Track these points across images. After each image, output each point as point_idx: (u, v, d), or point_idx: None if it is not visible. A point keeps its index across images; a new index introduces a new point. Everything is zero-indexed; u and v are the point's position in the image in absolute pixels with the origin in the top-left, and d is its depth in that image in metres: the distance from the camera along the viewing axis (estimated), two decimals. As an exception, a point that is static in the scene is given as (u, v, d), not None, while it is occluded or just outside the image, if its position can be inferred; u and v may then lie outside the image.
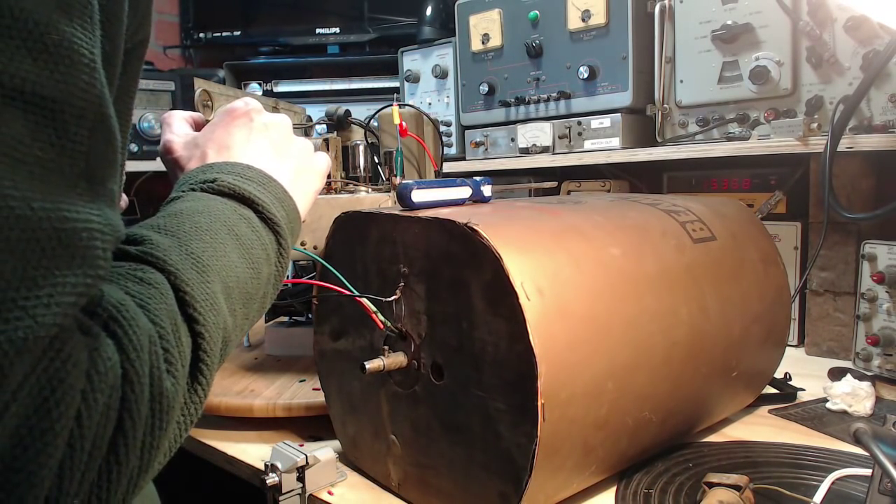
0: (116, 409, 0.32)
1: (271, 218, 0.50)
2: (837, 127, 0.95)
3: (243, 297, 0.45)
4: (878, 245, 0.89)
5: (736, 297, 0.69)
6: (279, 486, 0.63)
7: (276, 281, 0.51)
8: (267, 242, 0.49)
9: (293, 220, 0.53)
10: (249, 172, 0.51)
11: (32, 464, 0.28)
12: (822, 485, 0.60)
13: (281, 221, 0.51)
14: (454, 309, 0.55)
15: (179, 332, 0.37)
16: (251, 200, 0.49)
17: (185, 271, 0.39)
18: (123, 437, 0.32)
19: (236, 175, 0.50)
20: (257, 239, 0.48)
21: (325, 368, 0.73)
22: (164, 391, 0.34)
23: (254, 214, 0.49)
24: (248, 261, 0.46)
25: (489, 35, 1.38)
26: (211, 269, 0.41)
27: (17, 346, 0.27)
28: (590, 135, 1.25)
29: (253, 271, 0.46)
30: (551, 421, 0.50)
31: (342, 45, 1.97)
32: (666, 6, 1.15)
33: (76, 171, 0.31)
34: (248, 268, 0.46)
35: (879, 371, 0.88)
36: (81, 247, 0.30)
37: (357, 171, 0.93)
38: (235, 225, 0.46)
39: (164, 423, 0.35)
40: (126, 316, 0.33)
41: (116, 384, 0.32)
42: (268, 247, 0.49)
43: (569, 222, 0.61)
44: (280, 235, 0.51)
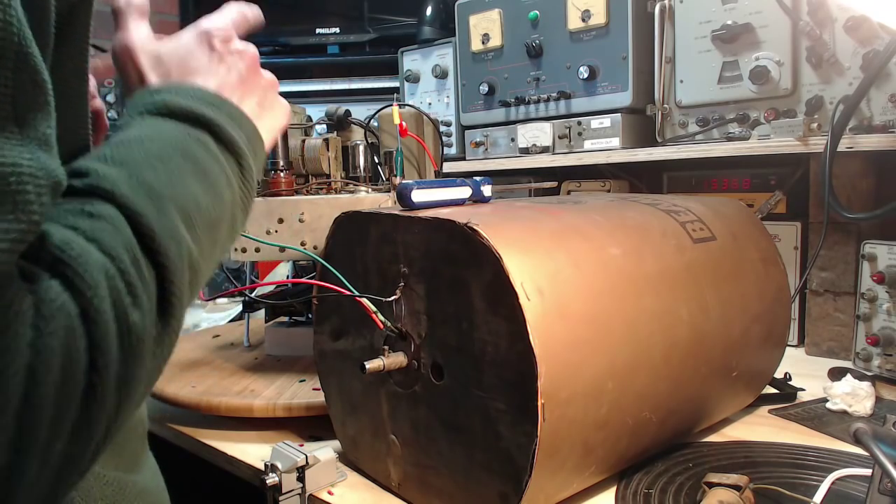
0: (82, 348, 0.31)
1: (229, 139, 0.47)
2: (837, 127, 0.95)
3: (207, 225, 0.42)
4: (878, 245, 0.89)
5: (736, 297, 0.69)
6: (279, 486, 0.63)
7: (244, 205, 0.48)
8: (226, 165, 0.46)
9: (254, 143, 0.50)
10: (202, 94, 0.48)
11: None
12: (822, 485, 0.60)
13: (240, 142, 0.48)
14: (454, 309, 0.55)
15: (140, 265, 0.35)
16: (206, 121, 0.46)
17: (139, 201, 0.37)
18: (98, 374, 0.31)
19: (188, 96, 0.47)
20: (215, 162, 0.45)
21: (325, 368, 0.73)
22: (131, 325, 0.33)
23: (209, 137, 0.46)
24: (208, 185, 0.43)
25: (489, 35, 1.38)
26: (166, 197, 0.39)
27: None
28: (590, 135, 1.25)
29: (214, 196, 0.43)
30: (551, 421, 0.50)
31: (342, 45, 1.97)
32: (666, 6, 1.15)
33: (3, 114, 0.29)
34: (208, 193, 0.43)
35: (879, 371, 0.88)
36: (10, 192, 0.29)
37: (357, 171, 0.93)
38: (190, 148, 0.43)
39: (137, 357, 0.34)
40: (73, 255, 0.32)
41: (71, 324, 0.31)
42: (227, 169, 0.46)
43: (569, 222, 0.61)
44: (240, 156, 0.47)
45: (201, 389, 0.85)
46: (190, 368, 0.95)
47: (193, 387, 0.86)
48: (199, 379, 0.89)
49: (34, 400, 0.29)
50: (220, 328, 1.24)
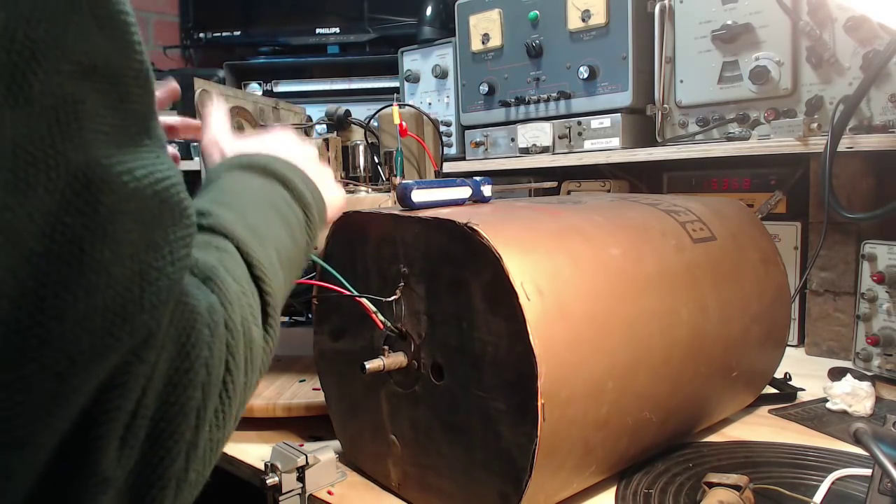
0: (224, 353, 0.36)
1: (301, 195, 0.53)
2: (837, 127, 0.95)
3: (288, 263, 0.48)
4: (878, 245, 0.89)
5: (736, 297, 0.69)
6: (279, 486, 0.63)
7: (307, 250, 0.54)
8: (299, 216, 0.52)
9: (318, 202, 0.56)
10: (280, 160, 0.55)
11: (182, 397, 0.33)
12: (822, 485, 0.60)
13: (309, 198, 0.54)
14: (454, 309, 0.55)
15: (252, 293, 0.42)
16: (283, 178, 0.52)
17: (249, 240, 0.43)
18: (231, 378, 0.37)
19: (269, 158, 0.54)
20: (292, 212, 0.51)
21: (325, 368, 0.73)
22: (253, 339, 0.40)
23: (285, 191, 0.52)
24: (289, 231, 0.49)
25: (489, 35, 1.38)
26: (266, 238, 0.45)
27: (164, 302, 0.31)
28: (590, 135, 1.25)
29: (292, 241, 0.50)
30: (551, 421, 0.50)
31: (342, 45, 1.97)
32: (666, 6, 1.15)
33: (138, 128, 0.31)
34: (289, 237, 0.49)
35: (879, 371, 0.88)
36: (175, 201, 0.32)
37: (357, 171, 0.93)
38: (274, 200, 0.50)
39: (255, 366, 0.41)
40: (220, 275, 0.38)
41: (223, 333, 0.36)
42: (300, 219, 0.52)
43: (569, 222, 0.61)
44: (308, 211, 0.53)
45: (201, 389, 0.85)
46: (190, 368, 0.95)
47: (193, 387, 0.86)
48: (199, 379, 0.89)
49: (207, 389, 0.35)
50: (220, 328, 1.24)
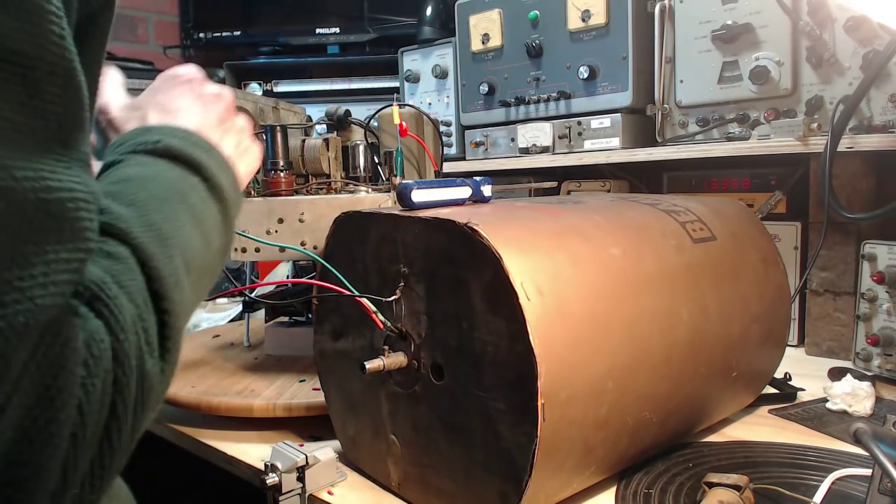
0: (110, 393, 0.31)
1: (219, 187, 0.47)
2: (837, 127, 0.95)
3: (198, 271, 0.42)
4: (878, 245, 0.89)
5: (736, 297, 0.69)
6: (279, 486, 0.63)
7: (224, 252, 0.48)
8: (215, 214, 0.46)
9: (236, 191, 0.50)
10: (193, 137, 0.48)
11: (39, 456, 0.27)
12: (822, 485, 0.60)
13: (227, 190, 0.48)
14: (454, 309, 0.55)
15: (150, 311, 0.35)
16: (199, 167, 0.46)
17: (150, 245, 0.36)
18: (116, 421, 0.31)
19: (181, 139, 0.46)
20: (206, 209, 0.45)
21: (325, 368, 0.73)
22: (146, 372, 0.34)
23: (201, 183, 0.45)
24: (201, 232, 0.43)
25: (489, 35, 1.38)
26: (172, 241, 0.39)
27: (18, 332, 0.25)
28: (590, 135, 1.25)
29: (205, 244, 0.43)
30: (551, 421, 0.50)
31: (342, 45, 1.97)
32: (666, 6, 1.15)
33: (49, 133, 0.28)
34: (201, 240, 0.43)
35: (879, 371, 0.88)
36: (70, 218, 0.28)
37: (357, 171, 0.93)
38: (186, 195, 0.43)
39: (148, 404, 0.34)
40: (110, 295, 0.32)
41: (109, 367, 0.31)
42: (216, 218, 0.46)
43: (569, 222, 0.61)
44: (226, 205, 0.47)
45: (201, 389, 0.85)
46: (190, 368, 0.95)
47: (193, 387, 0.86)
48: (199, 379, 0.89)
49: (78, 443, 0.29)
50: (220, 328, 1.24)
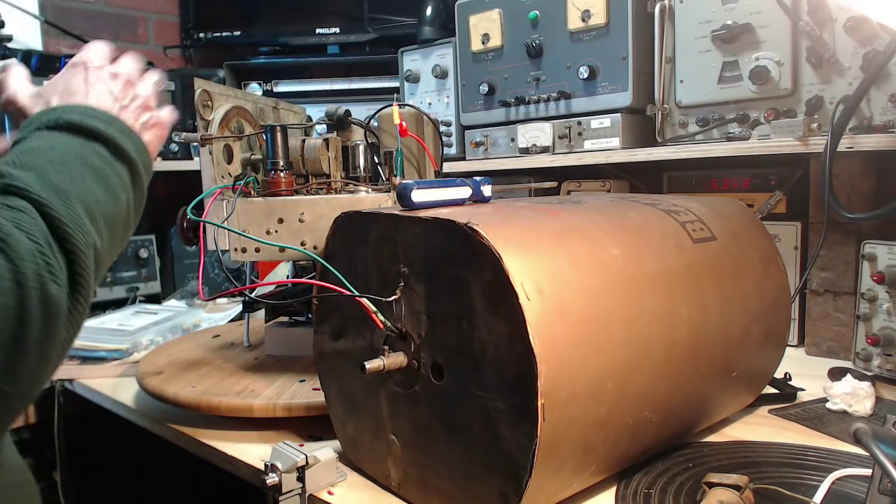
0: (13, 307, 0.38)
1: (121, 150, 0.53)
2: (837, 127, 0.95)
3: (107, 220, 0.49)
4: (878, 245, 0.89)
5: (736, 297, 0.69)
6: (279, 486, 0.63)
7: (136, 206, 0.55)
8: (121, 172, 0.53)
9: (143, 154, 0.57)
10: (93, 111, 0.55)
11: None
12: (822, 485, 0.60)
13: (130, 152, 0.54)
14: (454, 309, 0.55)
15: (53, 249, 0.42)
16: (99, 134, 0.52)
17: (49, 197, 0.43)
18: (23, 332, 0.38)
19: (80, 113, 0.53)
20: (110, 168, 0.52)
21: (325, 368, 0.73)
22: (50, 295, 0.40)
23: (103, 147, 0.52)
24: (106, 187, 0.50)
25: (489, 35, 1.38)
26: (72, 194, 0.45)
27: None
28: (590, 135, 1.25)
29: (112, 197, 0.50)
30: (551, 421, 0.50)
31: (342, 45, 1.97)
32: (666, 6, 1.15)
33: None
34: (107, 193, 0.50)
35: (879, 371, 0.88)
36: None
37: (357, 171, 0.93)
38: (87, 157, 0.50)
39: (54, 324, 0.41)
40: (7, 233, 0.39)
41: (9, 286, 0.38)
42: (122, 176, 0.53)
43: (569, 222, 0.61)
44: (132, 165, 0.54)
45: (201, 389, 0.85)
46: (190, 368, 0.95)
47: (193, 387, 0.86)
48: (199, 379, 0.89)
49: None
50: (220, 328, 1.24)
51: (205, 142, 0.85)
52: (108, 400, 1.01)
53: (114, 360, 1.13)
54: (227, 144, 0.89)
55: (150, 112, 0.64)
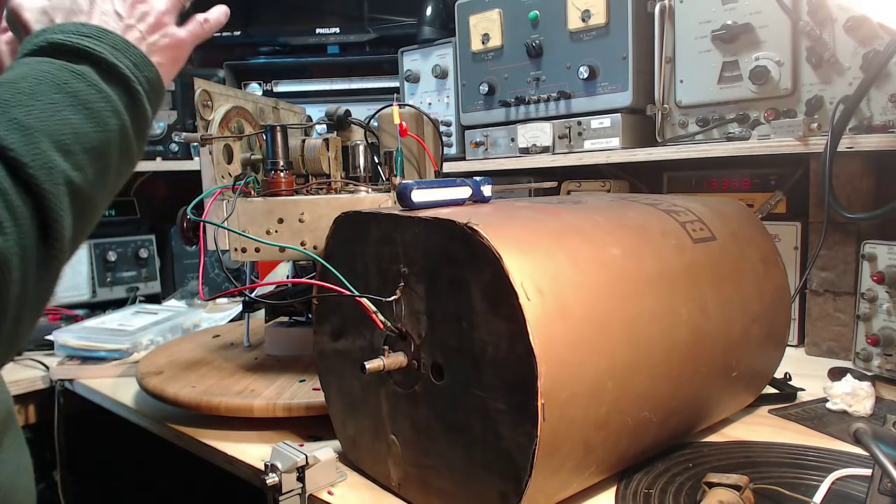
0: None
1: (112, 68, 0.50)
2: (837, 127, 0.95)
3: (91, 152, 0.46)
4: (878, 245, 0.89)
5: (736, 297, 0.69)
6: (279, 486, 0.63)
7: (137, 129, 0.52)
8: (111, 94, 0.49)
9: (145, 68, 0.53)
10: (83, 28, 0.51)
11: None
12: (822, 485, 0.60)
13: (125, 69, 0.51)
14: (454, 309, 0.55)
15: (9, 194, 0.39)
16: (86, 54, 0.49)
17: (6, 136, 0.40)
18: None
19: (69, 32, 0.50)
20: (97, 92, 0.48)
21: (325, 368, 0.73)
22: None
23: (90, 68, 0.49)
24: (88, 115, 0.46)
25: (489, 35, 1.38)
26: (37, 129, 0.42)
27: None
28: (590, 135, 1.25)
29: (97, 125, 0.47)
30: (551, 421, 0.50)
31: (342, 45, 1.96)
32: (666, 6, 1.15)
33: None
34: (90, 122, 0.46)
35: (879, 371, 0.88)
36: None
37: (357, 171, 0.93)
38: (67, 82, 0.47)
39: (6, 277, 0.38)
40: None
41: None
42: (112, 98, 0.49)
43: (569, 222, 0.61)
44: (127, 84, 0.51)
45: (201, 389, 0.85)
46: (190, 368, 0.95)
47: (193, 387, 0.86)
48: (199, 379, 0.89)
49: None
50: (220, 328, 1.24)
51: (205, 142, 0.85)
52: (108, 400, 1.01)
53: (114, 360, 1.13)
54: (227, 144, 0.89)
55: (163, 30, 0.59)
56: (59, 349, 1.18)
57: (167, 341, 1.19)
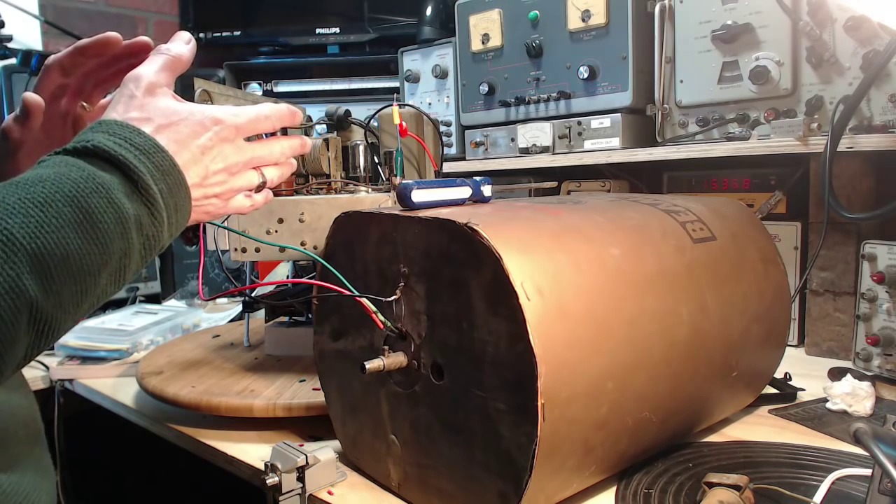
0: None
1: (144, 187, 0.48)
2: (837, 127, 0.95)
3: (75, 273, 0.44)
4: (878, 245, 0.89)
5: (736, 297, 0.69)
6: (279, 486, 0.63)
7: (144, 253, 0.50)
8: (127, 213, 0.47)
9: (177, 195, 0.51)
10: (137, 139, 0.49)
11: None
12: (822, 485, 0.60)
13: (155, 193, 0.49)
14: (454, 309, 0.55)
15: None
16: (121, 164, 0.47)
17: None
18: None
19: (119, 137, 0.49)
20: (112, 210, 0.46)
21: (325, 368, 0.73)
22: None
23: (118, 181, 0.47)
24: (90, 235, 0.45)
25: (489, 35, 1.38)
26: (21, 247, 0.41)
27: None
28: (590, 135, 1.25)
29: (95, 245, 0.45)
30: (551, 421, 0.50)
31: (342, 45, 1.97)
32: (666, 6, 1.15)
33: None
34: (88, 242, 0.45)
35: (879, 371, 0.88)
36: None
37: (357, 171, 0.93)
38: (83, 195, 0.45)
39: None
40: None
41: None
42: (127, 218, 0.47)
43: (569, 222, 0.61)
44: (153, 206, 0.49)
45: (201, 389, 0.85)
46: (190, 368, 0.95)
47: (193, 387, 0.86)
48: (199, 379, 0.89)
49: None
50: (220, 328, 1.24)
51: (205, 142, 0.84)
52: (108, 400, 1.01)
53: (114, 360, 1.13)
54: (227, 144, 0.89)
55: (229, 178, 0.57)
56: (59, 349, 1.18)
57: (167, 341, 1.19)
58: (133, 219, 0.47)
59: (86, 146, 0.47)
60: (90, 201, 0.45)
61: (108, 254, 0.46)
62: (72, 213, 0.44)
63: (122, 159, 0.47)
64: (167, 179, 0.50)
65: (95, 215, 0.45)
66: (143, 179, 0.48)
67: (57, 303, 0.43)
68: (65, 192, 0.44)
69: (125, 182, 0.47)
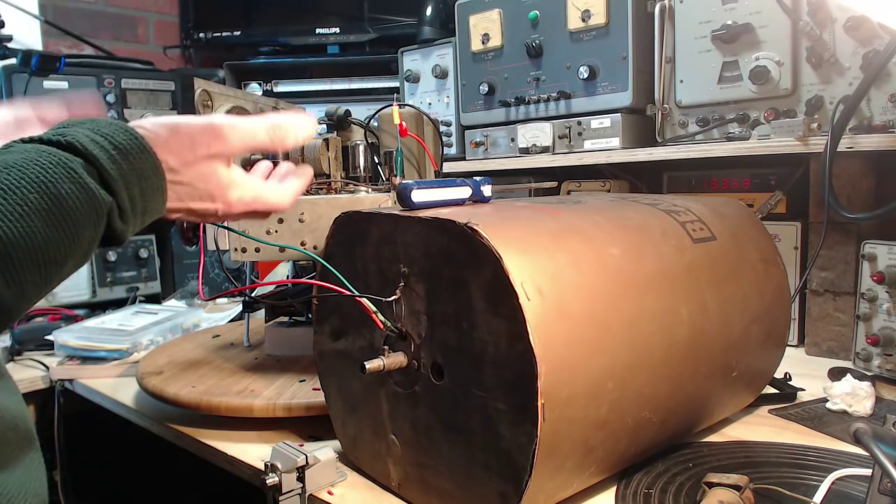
0: None
1: (105, 173, 0.46)
2: (837, 127, 0.95)
3: (40, 262, 0.43)
4: (878, 245, 0.89)
5: (736, 297, 0.69)
6: (279, 486, 0.63)
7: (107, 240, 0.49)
8: (101, 199, 0.46)
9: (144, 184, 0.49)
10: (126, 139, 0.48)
11: None
12: (822, 485, 0.60)
13: (115, 179, 0.47)
14: (454, 309, 0.55)
15: None
16: (92, 159, 0.46)
17: None
18: None
19: (86, 129, 0.47)
20: (85, 196, 0.45)
21: (325, 368, 0.73)
22: None
23: (87, 171, 0.45)
24: (58, 222, 0.43)
25: (489, 35, 1.38)
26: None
27: None
28: (590, 135, 1.25)
29: (63, 233, 0.44)
30: (551, 421, 0.50)
31: (342, 45, 1.97)
32: (666, 6, 1.15)
33: None
34: (56, 229, 0.43)
35: (879, 371, 0.88)
36: None
37: (357, 171, 0.93)
38: (54, 182, 0.43)
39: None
40: None
41: None
42: (93, 202, 0.45)
43: (569, 222, 0.61)
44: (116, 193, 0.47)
45: (201, 389, 0.85)
46: (190, 368, 0.95)
47: (193, 387, 0.86)
48: (199, 379, 0.89)
49: None
50: (220, 328, 1.24)
51: (205, 142, 0.84)
52: (108, 400, 1.01)
53: (114, 360, 1.13)
54: (227, 144, 0.89)
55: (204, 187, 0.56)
56: (59, 349, 1.18)
57: (167, 341, 1.19)
58: (98, 206, 0.46)
59: (59, 137, 0.46)
60: (61, 188, 0.43)
61: (77, 242, 0.45)
62: (40, 202, 0.42)
63: (84, 148, 0.46)
64: (136, 168, 0.49)
65: (68, 204, 0.43)
66: (105, 167, 0.47)
67: (19, 293, 0.42)
68: (33, 179, 0.43)
69: (91, 167, 0.46)
